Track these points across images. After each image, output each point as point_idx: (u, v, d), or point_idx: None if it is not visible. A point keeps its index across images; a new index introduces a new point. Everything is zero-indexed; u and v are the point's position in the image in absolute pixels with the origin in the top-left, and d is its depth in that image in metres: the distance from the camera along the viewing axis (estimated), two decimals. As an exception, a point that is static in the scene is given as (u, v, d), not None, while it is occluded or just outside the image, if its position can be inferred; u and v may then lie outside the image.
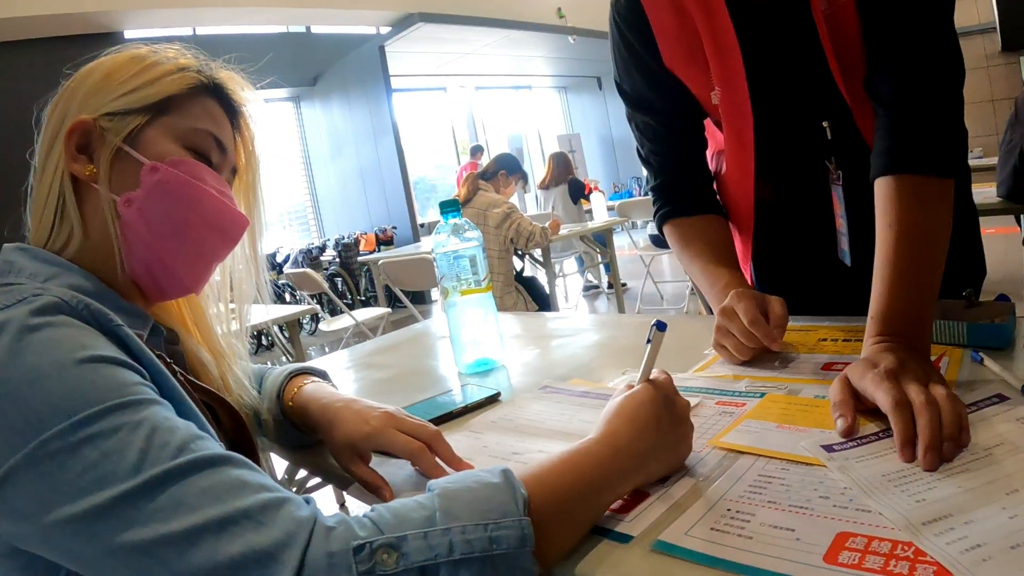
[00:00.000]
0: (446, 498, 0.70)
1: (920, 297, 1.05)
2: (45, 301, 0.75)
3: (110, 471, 0.64)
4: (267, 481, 0.69)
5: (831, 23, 1.24)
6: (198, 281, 1.00)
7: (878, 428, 0.87)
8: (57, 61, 4.59)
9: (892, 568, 0.60)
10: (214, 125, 0.99)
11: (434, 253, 1.45)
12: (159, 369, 0.81)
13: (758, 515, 0.73)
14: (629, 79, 1.52)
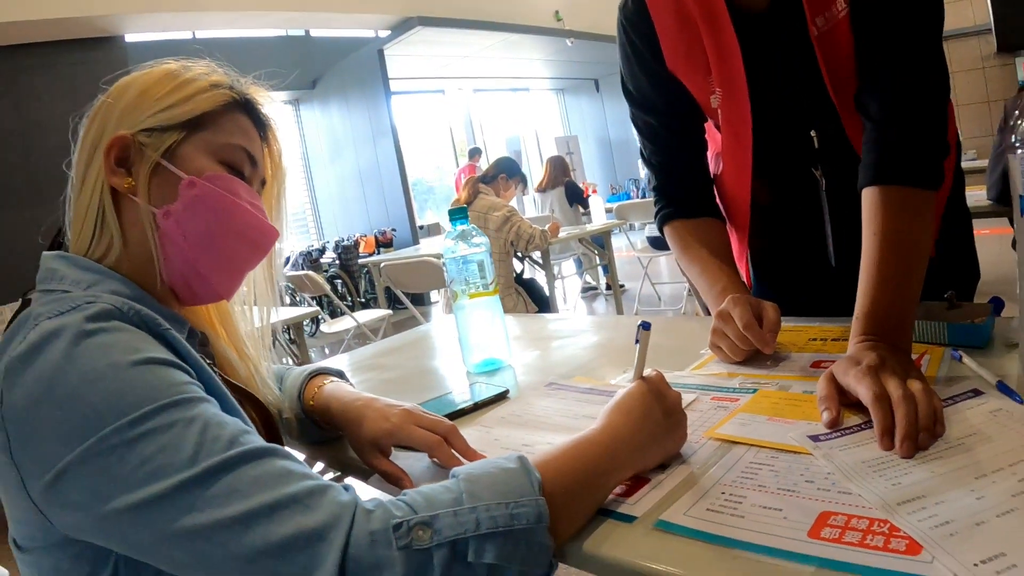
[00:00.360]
0: (470, 481, 0.76)
1: (902, 300, 1.11)
2: (99, 308, 0.79)
3: (167, 463, 0.70)
4: (309, 470, 0.75)
5: (826, 40, 1.30)
6: (230, 288, 1.06)
7: (860, 420, 0.94)
8: (59, 65, 4.70)
9: (869, 541, 0.67)
10: (246, 140, 1.04)
11: (444, 258, 1.51)
12: (204, 368, 0.88)
13: (749, 497, 0.80)
14: (633, 80, 1.56)
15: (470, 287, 1.50)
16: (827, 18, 1.29)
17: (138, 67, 1.03)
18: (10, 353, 0.76)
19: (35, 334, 0.76)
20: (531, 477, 0.78)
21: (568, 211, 8.29)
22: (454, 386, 1.48)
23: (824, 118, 1.40)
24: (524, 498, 0.75)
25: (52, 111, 7.78)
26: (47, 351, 0.74)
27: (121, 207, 0.97)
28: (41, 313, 0.79)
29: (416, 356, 1.89)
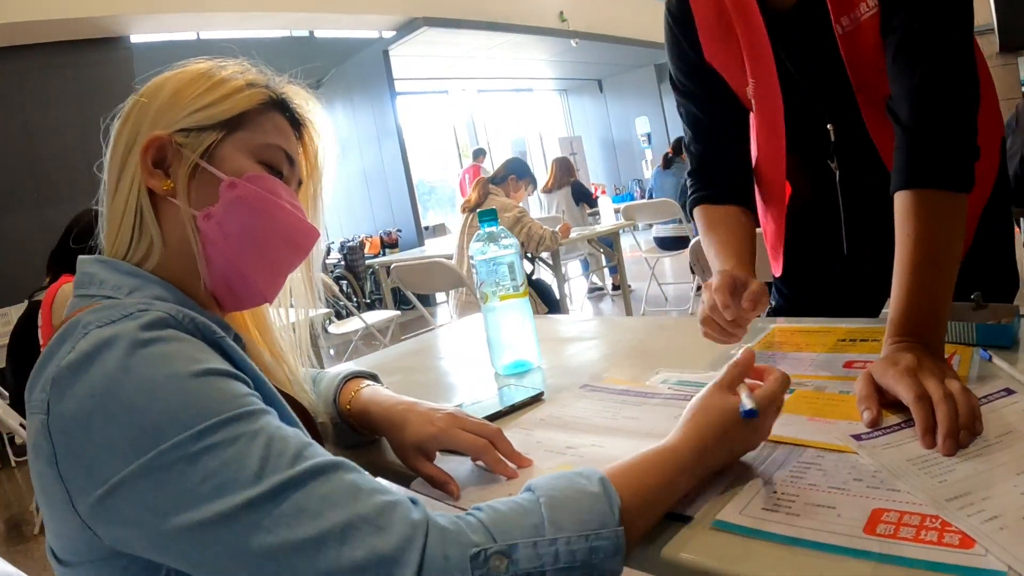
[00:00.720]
0: (552, 508, 0.74)
1: (935, 303, 1.13)
2: (153, 316, 0.78)
3: (231, 479, 0.68)
4: (376, 483, 0.74)
5: (849, 40, 1.34)
6: (273, 290, 1.04)
7: (900, 419, 0.96)
8: (64, 65, 4.73)
9: (924, 536, 0.70)
10: (284, 140, 1.03)
11: (473, 260, 1.53)
12: (259, 376, 0.87)
13: (801, 496, 0.82)
14: (676, 70, 1.64)
15: (500, 288, 1.50)
16: (852, 19, 1.32)
17: (170, 67, 1.02)
18: (57, 362, 0.74)
19: (86, 343, 0.74)
20: (612, 504, 0.76)
21: (575, 211, 8.32)
22: (483, 388, 1.49)
23: (842, 113, 1.45)
24: (605, 529, 0.74)
25: (58, 112, 7.81)
26: (100, 360, 0.72)
27: (159, 210, 0.95)
28: (91, 321, 0.77)
29: (439, 358, 1.91)
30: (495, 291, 1.51)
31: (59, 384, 0.73)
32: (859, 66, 1.36)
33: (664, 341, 1.63)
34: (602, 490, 0.77)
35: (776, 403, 0.94)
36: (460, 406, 1.31)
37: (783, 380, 0.95)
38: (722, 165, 1.65)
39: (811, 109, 1.51)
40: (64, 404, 0.72)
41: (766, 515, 0.80)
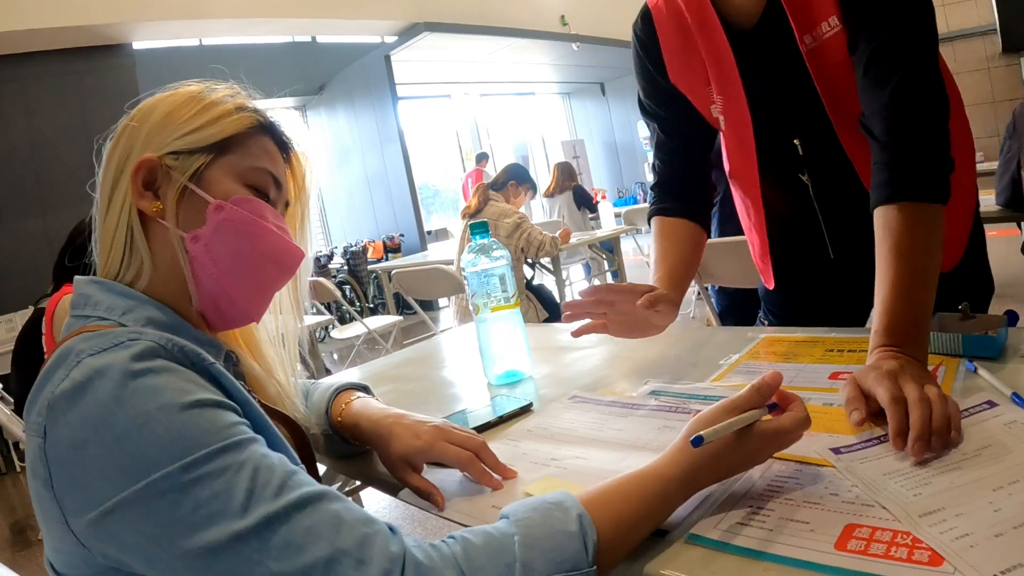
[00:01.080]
0: (526, 547, 0.75)
1: (918, 314, 1.14)
2: (143, 346, 0.79)
3: (220, 509, 0.71)
4: (358, 513, 0.76)
5: (814, 56, 1.39)
6: (259, 311, 1.07)
7: (881, 432, 0.97)
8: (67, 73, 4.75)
9: (893, 553, 0.70)
10: (271, 163, 1.04)
11: (464, 271, 1.54)
12: (247, 400, 0.88)
13: (777, 510, 0.83)
14: (642, 92, 1.73)
15: (492, 300, 1.52)
16: (814, 37, 1.38)
17: (161, 89, 1.04)
18: (52, 389, 0.76)
19: (79, 372, 0.76)
20: (587, 543, 0.77)
21: (577, 215, 8.32)
22: (475, 398, 1.50)
23: (809, 127, 1.51)
24: (577, 572, 0.75)
25: (61, 119, 7.84)
26: (93, 391, 0.74)
27: (149, 231, 0.97)
28: (83, 349, 0.79)
29: (435, 367, 1.92)
30: (487, 303, 1.52)
31: (54, 411, 0.75)
32: (826, 81, 1.41)
33: (660, 350, 1.63)
34: (578, 528, 0.77)
35: (783, 441, 0.90)
36: (450, 417, 1.32)
37: (802, 422, 0.91)
38: (681, 182, 1.73)
39: (778, 125, 1.55)
40: (59, 431, 0.74)
41: (740, 529, 0.80)
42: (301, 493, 0.75)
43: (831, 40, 1.36)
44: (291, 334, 1.20)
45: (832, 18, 1.34)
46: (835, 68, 1.38)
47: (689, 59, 1.57)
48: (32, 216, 7.52)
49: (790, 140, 1.57)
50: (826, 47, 1.37)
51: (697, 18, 1.51)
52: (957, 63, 14.59)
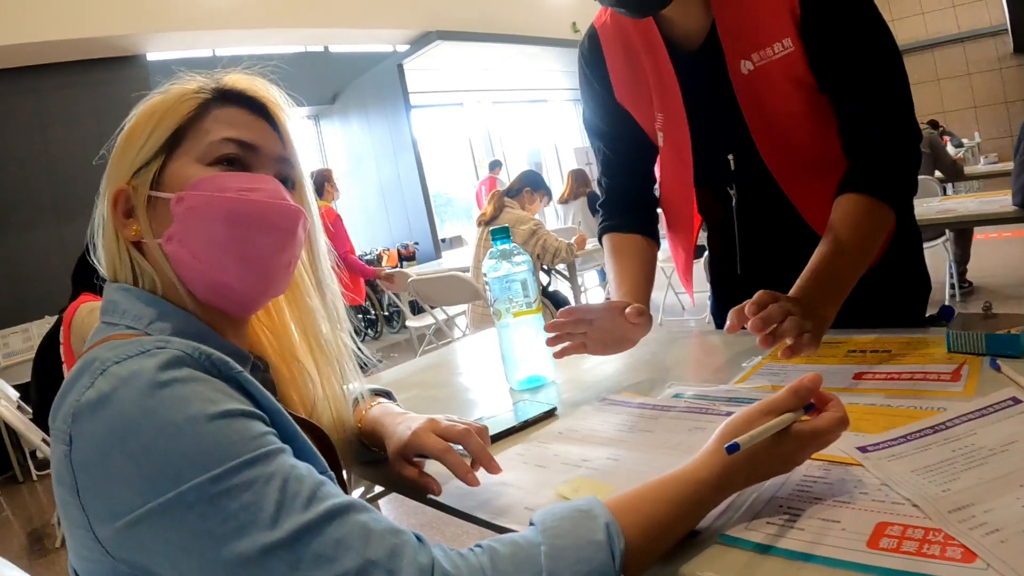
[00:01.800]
0: (553, 558, 0.74)
1: (838, 282, 1.31)
2: (170, 354, 0.78)
3: (250, 521, 0.70)
4: (386, 523, 0.76)
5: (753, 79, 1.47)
6: (272, 282, 1.01)
7: (906, 432, 0.97)
8: (82, 84, 4.79)
9: (926, 551, 0.71)
10: (231, 129, 0.99)
11: (487, 277, 1.55)
12: (276, 409, 0.87)
13: (807, 510, 0.83)
14: (588, 109, 1.82)
15: (514, 305, 1.52)
16: (761, 56, 1.45)
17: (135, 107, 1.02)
18: (77, 397, 0.76)
19: (104, 381, 0.76)
20: (615, 553, 0.76)
21: (592, 221, 8.31)
22: (498, 403, 1.51)
23: (742, 144, 1.56)
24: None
25: (77, 130, 7.91)
26: (119, 400, 0.74)
27: (145, 252, 0.97)
28: (108, 358, 0.78)
29: (456, 373, 1.93)
30: (508, 308, 1.53)
31: (80, 420, 0.75)
32: (756, 105, 1.50)
33: (680, 354, 1.64)
34: (606, 537, 0.77)
35: (820, 442, 0.89)
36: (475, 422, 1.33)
37: (839, 422, 0.89)
38: (629, 199, 1.80)
39: (714, 141, 1.61)
40: (85, 440, 0.74)
41: (772, 529, 0.81)
42: (330, 504, 0.74)
43: (779, 61, 1.43)
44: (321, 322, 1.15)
45: (786, 40, 1.41)
46: (776, 90, 1.46)
47: (634, 77, 1.65)
48: (47, 226, 7.58)
49: (724, 155, 1.63)
50: (771, 68, 1.44)
51: (643, 39, 1.59)
52: (968, 64, 14.57)
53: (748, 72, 1.47)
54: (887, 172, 1.39)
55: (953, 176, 7.30)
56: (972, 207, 4.25)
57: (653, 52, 1.58)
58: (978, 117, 14.56)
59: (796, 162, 1.53)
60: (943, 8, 14.75)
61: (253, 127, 1.02)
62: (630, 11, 1.46)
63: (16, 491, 5.98)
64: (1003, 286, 6.62)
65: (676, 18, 1.51)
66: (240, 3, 9.04)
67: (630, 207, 1.79)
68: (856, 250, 1.33)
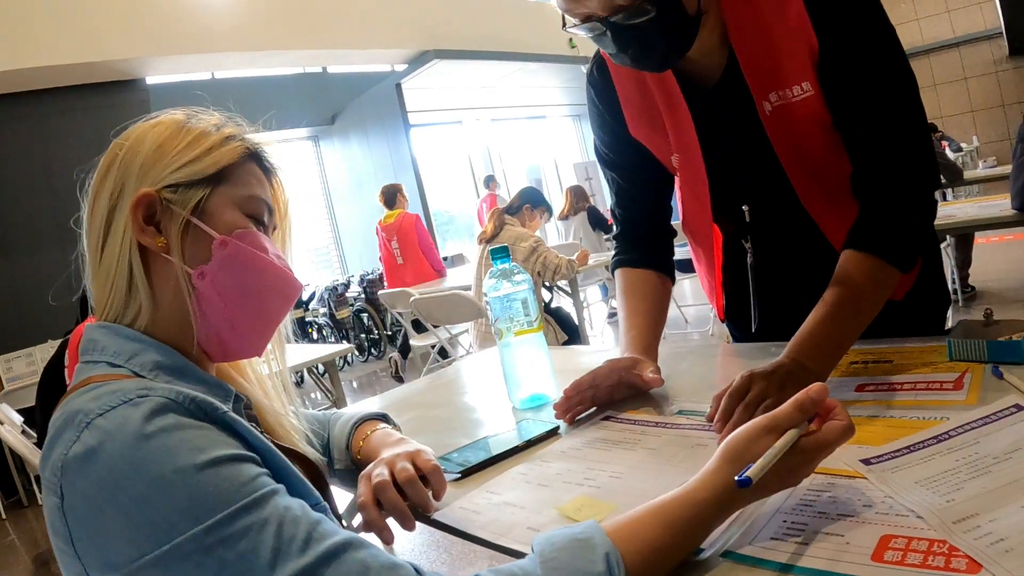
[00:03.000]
0: None
1: (836, 338, 1.27)
2: (154, 403, 0.77)
3: (247, 569, 0.70)
4: (383, 558, 0.75)
5: (776, 118, 1.41)
6: (264, 343, 1.05)
7: (909, 443, 0.97)
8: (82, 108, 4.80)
9: (931, 562, 0.71)
10: (263, 190, 1.04)
11: (487, 297, 1.54)
12: (266, 447, 0.87)
13: (811, 524, 0.83)
14: (600, 142, 1.74)
15: (515, 324, 1.52)
16: (780, 96, 1.39)
17: (143, 118, 1.02)
18: (64, 450, 0.75)
19: (90, 436, 0.75)
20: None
21: (592, 236, 8.34)
22: (501, 422, 1.50)
23: (760, 194, 1.52)
24: None
25: (77, 154, 7.83)
26: (106, 455, 0.73)
27: (149, 267, 0.95)
28: (92, 409, 0.77)
29: (458, 392, 1.92)
30: (510, 327, 1.52)
31: (68, 474, 0.74)
32: (787, 143, 1.43)
33: (685, 369, 1.63)
34: (605, 569, 0.76)
35: (825, 453, 0.87)
36: (473, 444, 1.34)
37: (844, 431, 0.87)
38: (644, 232, 1.75)
39: (729, 187, 1.57)
40: (76, 495, 0.74)
41: (776, 545, 0.81)
42: (327, 545, 0.74)
43: (801, 103, 1.37)
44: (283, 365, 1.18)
45: (805, 83, 1.36)
46: (801, 130, 1.41)
47: (648, 110, 1.57)
48: (50, 250, 7.56)
49: (738, 205, 1.59)
50: (794, 108, 1.38)
51: (655, 77, 1.51)
52: (965, 68, 14.59)
53: (770, 112, 1.40)
54: (896, 227, 1.32)
55: (953, 180, 7.32)
56: (972, 212, 4.27)
57: (667, 92, 1.51)
58: (976, 121, 14.58)
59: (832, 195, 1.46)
60: (938, 13, 14.78)
61: (268, 192, 1.07)
62: (651, 70, 1.43)
63: (21, 515, 5.98)
64: (1006, 290, 6.61)
65: (693, 56, 1.39)
66: (239, 26, 9.06)
67: (645, 240, 1.73)
68: (857, 312, 1.28)
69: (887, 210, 1.32)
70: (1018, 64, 14.00)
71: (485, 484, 1.16)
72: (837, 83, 1.34)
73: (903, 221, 1.33)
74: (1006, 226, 3.93)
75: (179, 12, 8.49)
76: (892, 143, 1.33)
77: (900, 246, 1.31)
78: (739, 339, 1.87)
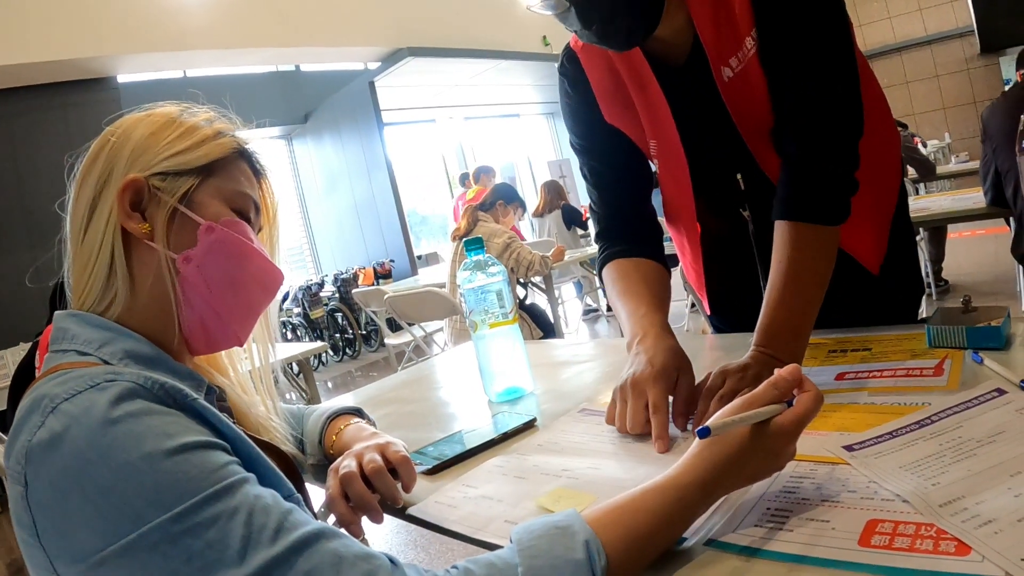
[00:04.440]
0: (532, 569, 0.73)
1: (795, 319, 1.25)
2: (121, 388, 0.76)
3: (215, 559, 0.68)
4: (357, 548, 0.74)
5: (737, 84, 1.39)
6: (246, 332, 1.05)
7: (892, 428, 0.96)
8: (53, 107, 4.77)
9: (919, 546, 0.70)
10: (251, 188, 1.06)
11: (461, 289, 1.52)
12: (237, 435, 0.85)
13: (795, 511, 0.82)
14: (577, 131, 1.65)
15: (490, 317, 1.50)
16: (740, 58, 1.36)
17: (137, 108, 1.04)
18: (29, 436, 0.74)
19: (55, 420, 0.73)
20: (595, 569, 0.74)
21: (566, 234, 8.32)
22: (477, 416, 1.48)
23: (747, 162, 1.48)
24: None
25: (47, 153, 7.84)
26: (71, 440, 0.71)
27: (131, 253, 0.95)
28: (57, 394, 0.76)
29: (434, 388, 1.90)
30: (484, 319, 1.50)
31: (33, 461, 0.72)
32: (747, 112, 1.41)
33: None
34: (585, 556, 0.74)
35: (804, 424, 0.86)
36: (449, 437, 1.32)
37: (816, 400, 0.87)
38: (631, 221, 1.63)
39: (719, 160, 1.53)
40: (40, 482, 0.72)
41: (760, 532, 0.79)
42: (299, 535, 0.72)
43: (754, 59, 1.35)
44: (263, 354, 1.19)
45: (753, 31, 1.34)
46: (757, 95, 1.38)
47: (621, 97, 1.53)
48: (20, 252, 7.49)
49: (732, 174, 1.55)
50: (751, 69, 1.36)
51: (624, 60, 1.48)
52: (937, 66, 14.73)
53: (729, 79, 1.38)
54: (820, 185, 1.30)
55: (926, 175, 7.39)
56: (945, 205, 4.31)
57: (637, 74, 1.47)
58: (947, 118, 14.70)
59: None
60: (910, 11, 14.89)
61: (256, 191, 1.09)
62: (616, 48, 1.39)
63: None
64: (979, 283, 6.66)
65: (660, 35, 1.37)
66: (210, 23, 9.00)
67: (631, 230, 1.61)
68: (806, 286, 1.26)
69: (808, 169, 1.32)
70: (989, 61, 14.15)
71: (461, 478, 1.14)
72: (770, 34, 1.33)
73: (826, 177, 1.31)
74: (979, 218, 3.97)
75: (150, 9, 8.42)
76: (816, 93, 1.31)
77: (829, 204, 1.30)
78: (723, 331, 1.85)
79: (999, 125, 3.67)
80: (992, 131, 3.74)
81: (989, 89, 14.00)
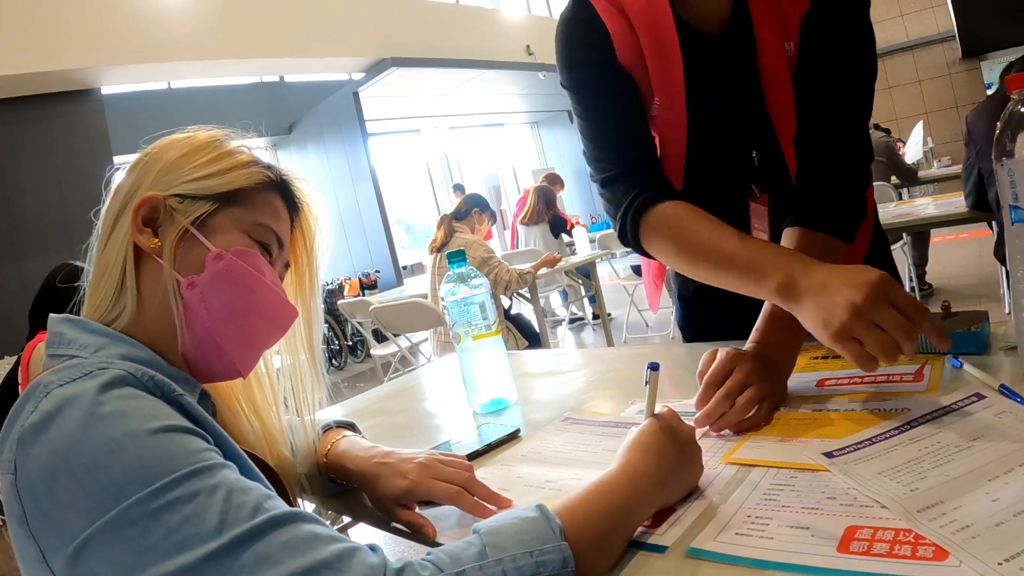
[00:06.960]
0: (492, 534, 0.77)
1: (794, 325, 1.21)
2: (112, 375, 0.78)
3: (193, 533, 0.69)
4: (335, 533, 0.74)
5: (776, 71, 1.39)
6: (248, 365, 1.04)
7: (872, 434, 0.97)
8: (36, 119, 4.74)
9: (897, 551, 0.70)
10: (276, 221, 1.05)
11: (444, 301, 1.53)
12: (220, 432, 0.86)
13: (775, 518, 0.82)
14: (591, 70, 1.45)
15: (473, 328, 1.50)
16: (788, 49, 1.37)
17: (180, 129, 1.05)
18: (22, 423, 0.76)
19: (48, 403, 0.75)
20: (552, 524, 0.78)
21: (552, 244, 8.23)
22: (461, 427, 1.49)
23: (764, 141, 1.47)
24: (548, 545, 0.76)
25: (31, 165, 7.83)
26: (61, 421, 0.73)
27: (141, 268, 0.96)
28: (52, 381, 0.78)
29: (419, 399, 1.90)
30: (468, 331, 1.51)
31: (23, 445, 0.74)
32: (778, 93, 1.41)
33: (642, 370, 1.62)
34: (540, 514, 0.79)
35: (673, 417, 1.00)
36: (438, 447, 1.31)
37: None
38: (654, 161, 1.48)
39: (728, 135, 1.49)
40: (29, 465, 0.73)
41: (740, 540, 0.80)
42: (276, 513, 0.73)
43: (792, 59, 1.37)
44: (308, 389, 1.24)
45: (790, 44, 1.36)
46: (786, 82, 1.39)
47: (633, 46, 1.39)
48: (5, 266, 7.47)
49: (746, 150, 1.50)
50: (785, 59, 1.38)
51: (647, 15, 1.37)
52: (919, 71, 14.83)
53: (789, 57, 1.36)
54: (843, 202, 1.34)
55: (909, 180, 7.44)
56: (928, 210, 4.34)
57: (659, 31, 1.36)
58: (929, 123, 14.79)
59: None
60: (892, 17, 14.99)
61: (286, 225, 1.09)
62: None
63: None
64: (962, 287, 6.70)
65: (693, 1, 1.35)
66: (195, 34, 8.99)
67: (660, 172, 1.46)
68: None
69: (834, 185, 1.34)
70: (971, 66, 14.25)
71: (447, 489, 1.14)
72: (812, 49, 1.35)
73: (848, 195, 1.35)
74: (961, 223, 4.00)
75: (134, 21, 8.41)
76: (846, 116, 1.35)
77: (848, 221, 1.33)
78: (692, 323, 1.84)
79: (984, 128, 3.71)
80: (977, 134, 3.78)
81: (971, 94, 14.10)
